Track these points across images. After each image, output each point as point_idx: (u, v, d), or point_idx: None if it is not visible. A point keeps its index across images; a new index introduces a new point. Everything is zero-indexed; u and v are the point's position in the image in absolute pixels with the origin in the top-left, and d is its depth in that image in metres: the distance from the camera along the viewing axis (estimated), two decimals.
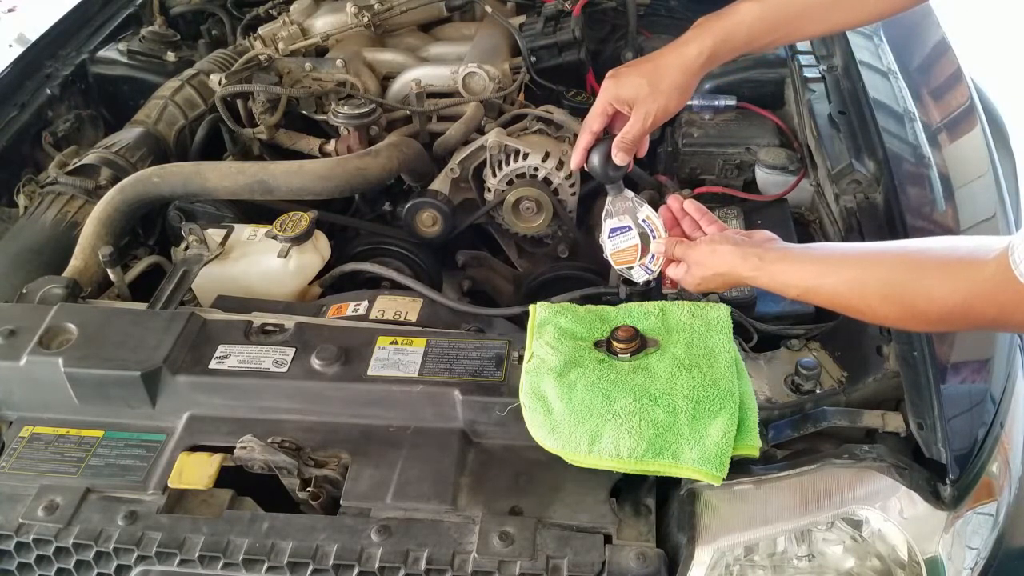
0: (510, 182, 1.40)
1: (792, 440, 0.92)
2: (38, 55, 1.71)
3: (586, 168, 1.08)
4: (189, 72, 1.68)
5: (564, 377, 0.92)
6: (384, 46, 1.71)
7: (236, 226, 1.32)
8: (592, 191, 1.56)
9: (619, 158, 1.03)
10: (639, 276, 1.07)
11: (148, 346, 1.01)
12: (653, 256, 1.04)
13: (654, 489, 0.92)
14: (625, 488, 0.92)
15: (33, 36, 1.79)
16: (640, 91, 1.02)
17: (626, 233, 1.05)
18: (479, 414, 0.96)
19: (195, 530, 0.90)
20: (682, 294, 1.16)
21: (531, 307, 1.04)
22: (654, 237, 1.04)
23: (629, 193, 1.07)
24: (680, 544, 0.87)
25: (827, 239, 1.26)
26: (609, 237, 1.07)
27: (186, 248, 1.25)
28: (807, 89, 1.36)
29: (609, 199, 1.08)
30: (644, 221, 1.05)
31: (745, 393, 0.91)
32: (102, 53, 1.78)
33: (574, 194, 1.42)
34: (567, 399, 0.90)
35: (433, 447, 0.95)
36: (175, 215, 1.41)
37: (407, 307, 1.17)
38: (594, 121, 1.05)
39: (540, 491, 0.91)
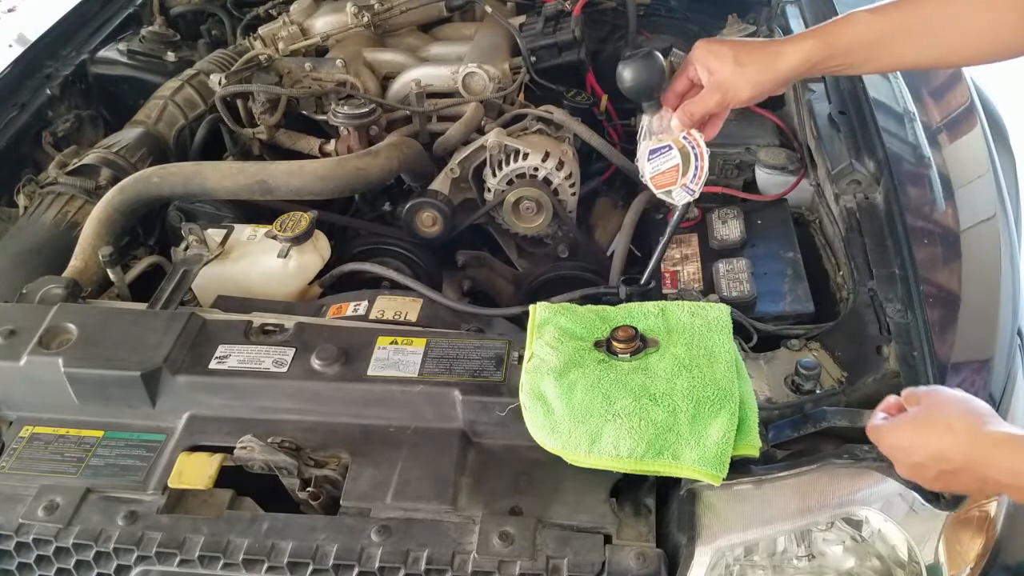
0: (510, 182, 1.40)
1: (792, 440, 0.92)
2: (38, 55, 1.71)
3: (624, 85, 1.01)
4: (189, 72, 1.68)
5: (564, 377, 0.92)
6: (384, 46, 1.71)
7: (236, 226, 1.32)
8: (592, 191, 1.56)
9: (675, 123, 1.00)
10: (681, 198, 1.04)
11: (148, 346, 1.01)
12: (695, 174, 1.01)
13: (654, 489, 0.92)
14: (625, 488, 0.92)
15: (33, 36, 1.78)
16: (723, 66, 0.96)
17: (666, 153, 1.00)
18: (479, 414, 0.96)
19: (195, 530, 0.90)
20: (682, 294, 1.17)
21: (531, 307, 1.04)
22: (696, 155, 0.99)
23: (668, 111, 1.01)
24: (680, 544, 0.87)
25: (827, 239, 1.26)
26: (649, 159, 1.02)
27: (186, 248, 1.25)
28: (807, 89, 1.36)
29: (646, 118, 1.05)
30: (685, 138, 1.00)
31: (745, 393, 0.91)
32: (102, 53, 1.78)
33: (574, 194, 1.42)
34: (567, 399, 0.90)
35: (433, 447, 0.95)
36: (175, 215, 1.41)
37: (407, 307, 1.17)
38: (677, 80, 1.02)
39: (540, 491, 0.91)
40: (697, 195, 1.02)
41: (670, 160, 1.01)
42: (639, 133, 1.02)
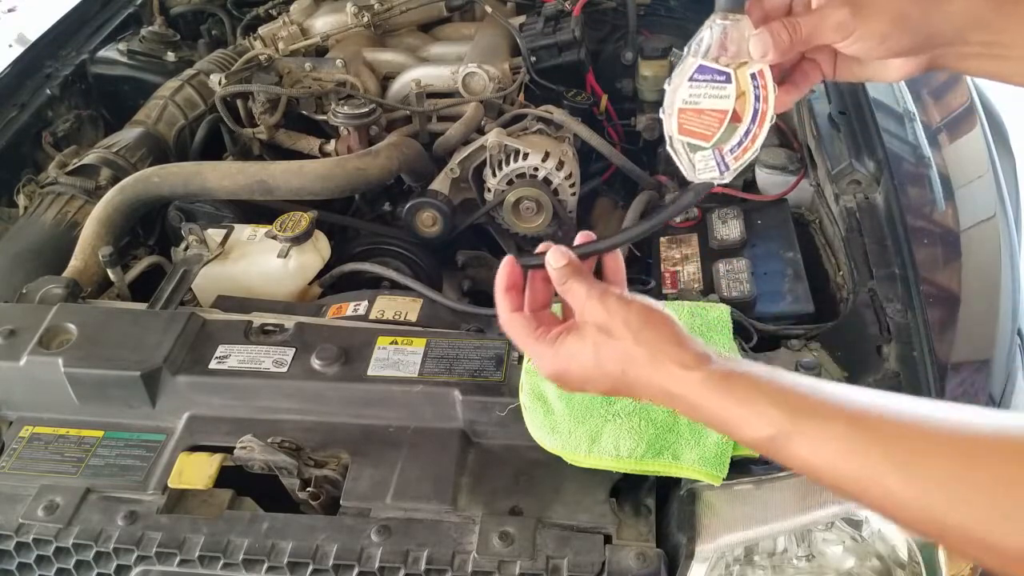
0: (510, 182, 1.40)
1: None
2: (38, 55, 1.71)
3: None
4: (189, 72, 1.68)
5: None
6: (384, 46, 1.71)
7: (236, 226, 1.32)
8: (592, 191, 1.56)
9: (756, 44, 0.65)
10: (704, 168, 0.69)
11: (148, 346, 1.01)
12: (743, 140, 0.68)
13: (654, 489, 0.92)
14: (625, 488, 0.92)
15: (33, 36, 1.79)
16: None
17: (719, 84, 0.67)
18: (479, 414, 0.96)
19: (195, 530, 0.90)
20: (682, 294, 1.16)
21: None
22: (757, 110, 0.67)
23: (748, 23, 0.66)
24: (680, 544, 0.87)
25: (827, 239, 1.26)
26: (690, 81, 0.67)
27: (186, 248, 1.25)
28: None
29: (715, 21, 0.67)
30: (755, 78, 0.66)
31: None
32: (102, 53, 1.78)
33: (574, 194, 1.42)
34: (567, 399, 0.90)
35: (433, 447, 0.95)
36: (175, 215, 1.41)
37: (407, 307, 1.17)
38: None
39: (540, 491, 0.91)
40: (727, 178, 0.69)
41: (720, 96, 0.67)
42: (687, 48, 0.68)
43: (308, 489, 0.93)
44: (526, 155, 1.37)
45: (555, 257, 0.73)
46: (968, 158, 1.30)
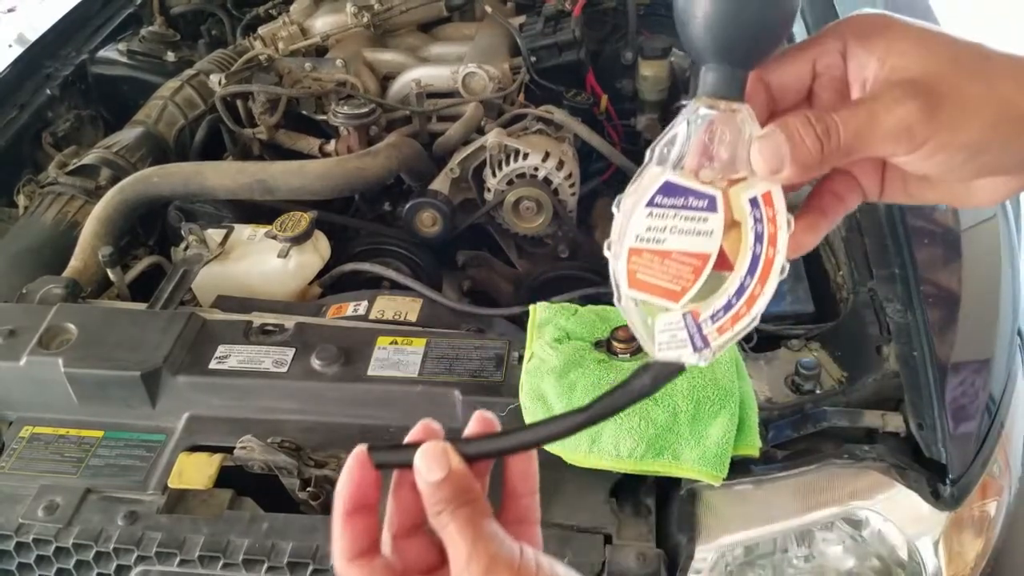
0: (510, 182, 1.40)
1: (792, 440, 0.93)
2: (38, 55, 1.71)
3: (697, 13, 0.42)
4: (189, 72, 1.68)
5: (564, 377, 0.92)
6: (384, 46, 1.71)
7: (236, 226, 1.32)
8: (592, 191, 1.56)
9: (758, 154, 0.42)
10: (668, 343, 0.44)
11: (148, 346, 1.01)
12: (731, 303, 0.43)
13: (654, 489, 0.92)
14: (625, 488, 0.92)
15: (33, 36, 1.79)
16: (925, 61, 0.42)
17: (696, 213, 0.43)
18: None
19: (195, 530, 0.90)
20: None
21: (531, 307, 1.04)
22: (757, 255, 0.43)
23: (749, 115, 0.43)
24: (680, 544, 0.87)
25: (827, 239, 1.26)
26: (651, 206, 0.43)
27: (186, 248, 1.25)
28: None
29: (696, 110, 0.43)
30: (756, 203, 0.42)
31: (745, 393, 0.91)
32: (102, 53, 1.78)
33: (574, 194, 1.42)
34: (567, 399, 0.90)
35: None
36: (175, 215, 1.41)
37: (407, 307, 1.17)
38: (789, 60, 0.46)
39: (540, 491, 0.91)
40: (704, 361, 0.44)
41: (698, 233, 0.43)
42: (651, 151, 0.44)
43: (308, 489, 0.93)
44: (526, 155, 1.37)
45: (429, 465, 0.45)
46: None
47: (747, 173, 0.42)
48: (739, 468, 0.87)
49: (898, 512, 0.86)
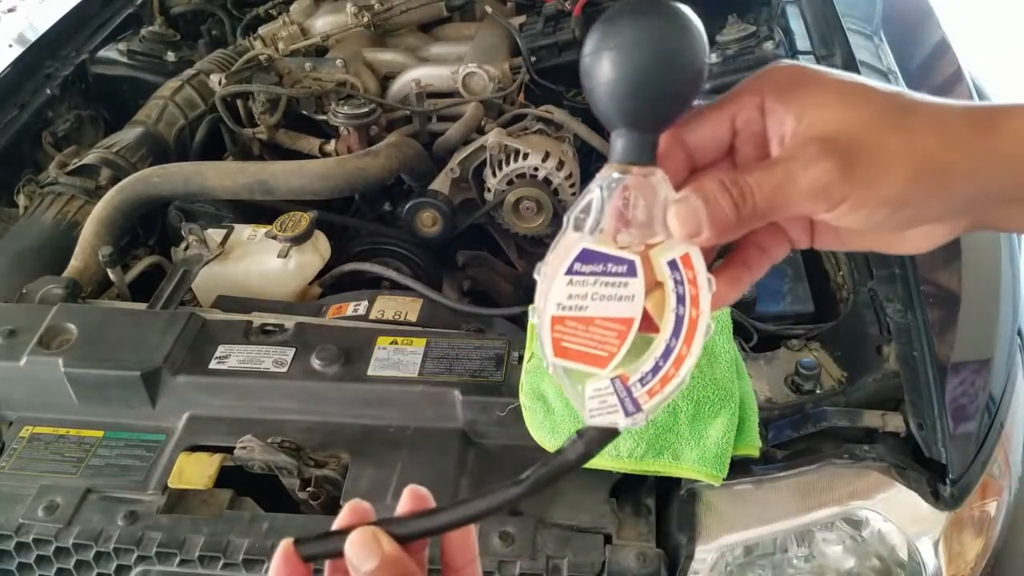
0: (510, 182, 1.40)
1: (792, 440, 0.93)
2: (38, 55, 1.71)
3: (599, 79, 0.41)
4: (189, 72, 1.68)
5: None
6: (384, 46, 1.71)
7: (236, 226, 1.32)
8: None
9: (675, 218, 0.42)
10: (599, 409, 0.44)
11: (148, 346, 1.01)
12: (659, 364, 0.43)
13: (654, 489, 0.92)
14: (625, 488, 0.92)
15: (33, 36, 1.79)
16: (849, 115, 0.41)
17: (616, 279, 0.42)
18: (479, 414, 0.96)
19: (195, 530, 0.90)
20: None
21: (531, 307, 1.04)
22: (680, 316, 0.42)
23: (663, 181, 0.42)
24: (680, 544, 0.87)
25: None
26: (570, 274, 0.43)
27: (186, 248, 1.25)
28: None
29: (609, 175, 0.42)
30: (674, 266, 0.42)
31: (745, 393, 0.91)
32: (102, 53, 1.78)
33: (574, 194, 1.42)
34: (567, 399, 0.90)
35: (433, 447, 0.95)
36: (175, 215, 1.41)
37: (407, 307, 1.17)
38: (706, 117, 0.46)
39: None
40: (639, 423, 0.44)
41: (619, 299, 0.42)
42: (567, 217, 0.43)
43: (308, 489, 0.93)
44: (526, 155, 1.37)
45: (359, 554, 0.43)
46: None
47: (664, 236, 0.42)
48: (739, 468, 0.87)
49: (898, 512, 0.86)
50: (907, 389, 0.91)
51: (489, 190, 1.43)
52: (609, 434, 0.44)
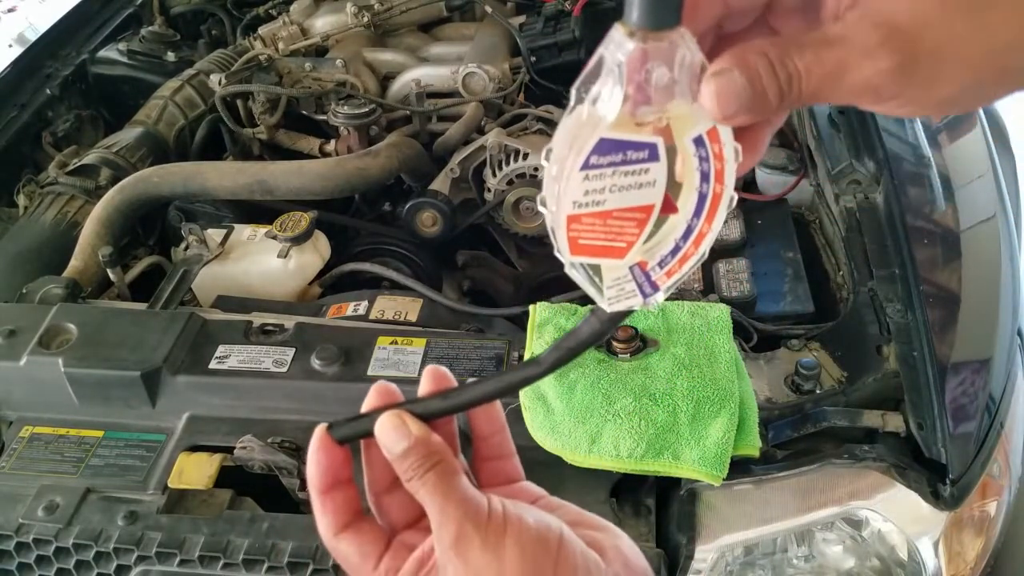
0: (510, 182, 1.40)
1: (792, 440, 0.93)
2: (38, 55, 1.71)
3: None
4: (189, 72, 1.68)
5: (564, 377, 0.92)
6: (384, 46, 1.71)
7: (236, 226, 1.32)
8: None
9: (710, 93, 0.35)
10: (617, 296, 0.41)
11: (148, 346, 1.01)
12: (679, 246, 0.40)
13: (654, 489, 0.92)
14: (625, 488, 0.92)
15: (33, 36, 1.79)
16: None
17: (637, 166, 0.37)
18: None
19: (195, 530, 0.90)
20: (682, 294, 1.17)
21: (531, 307, 1.04)
22: (704, 193, 0.38)
23: (690, 41, 0.35)
24: (680, 544, 0.87)
25: (827, 239, 1.26)
26: (587, 168, 0.36)
27: (186, 248, 1.25)
28: None
29: (621, 41, 0.38)
30: (700, 142, 0.37)
31: (745, 393, 0.91)
32: (102, 53, 1.78)
33: None
34: (567, 399, 0.90)
35: None
36: (175, 215, 1.41)
37: (407, 307, 1.17)
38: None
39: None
40: (654, 303, 0.42)
41: (640, 186, 0.38)
42: (574, 90, 0.37)
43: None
44: (526, 155, 1.37)
45: (390, 437, 0.45)
46: (968, 158, 1.30)
47: (687, 105, 0.36)
48: (739, 468, 0.87)
49: (898, 512, 0.87)
50: (907, 389, 0.91)
51: (489, 190, 1.43)
52: (623, 312, 0.42)
